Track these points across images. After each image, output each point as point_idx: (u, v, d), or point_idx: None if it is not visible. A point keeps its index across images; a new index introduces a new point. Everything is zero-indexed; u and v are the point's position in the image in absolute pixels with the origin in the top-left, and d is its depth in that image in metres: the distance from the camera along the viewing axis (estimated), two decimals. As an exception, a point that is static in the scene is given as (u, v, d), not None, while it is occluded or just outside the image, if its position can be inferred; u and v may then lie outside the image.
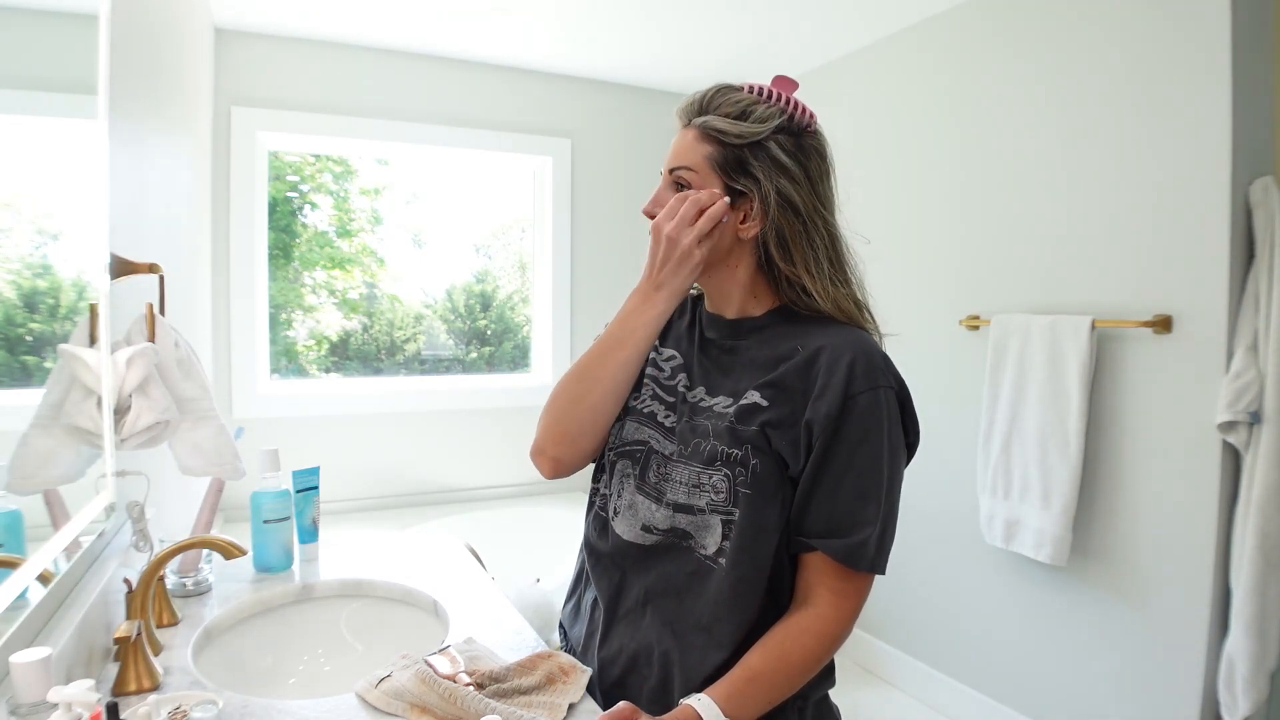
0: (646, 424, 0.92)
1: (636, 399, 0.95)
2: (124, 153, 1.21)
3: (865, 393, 0.81)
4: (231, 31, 2.58)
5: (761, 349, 0.89)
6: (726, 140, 0.86)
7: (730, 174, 0.87)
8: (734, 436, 0.84)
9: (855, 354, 0.82)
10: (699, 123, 0.88)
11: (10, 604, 0.71)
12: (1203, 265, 1.70)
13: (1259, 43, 1.69)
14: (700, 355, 0.94)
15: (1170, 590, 1.77)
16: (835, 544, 0.81)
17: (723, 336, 0.93)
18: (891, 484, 0.83)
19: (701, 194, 0.87)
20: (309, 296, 3.00)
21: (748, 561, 0.84)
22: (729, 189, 0.87)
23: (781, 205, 0.85)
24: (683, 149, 0.89)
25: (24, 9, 0.83)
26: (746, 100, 0.87)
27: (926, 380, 2.40)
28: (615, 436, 0.94)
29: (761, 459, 0.83)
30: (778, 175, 0.85)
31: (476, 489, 3.04)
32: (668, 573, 0.88)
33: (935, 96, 2.38)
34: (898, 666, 2.53)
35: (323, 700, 0.87)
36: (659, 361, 0.96)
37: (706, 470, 0.85)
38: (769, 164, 0.86)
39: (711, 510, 0.84)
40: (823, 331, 0.86)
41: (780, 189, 0.85)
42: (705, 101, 0.89)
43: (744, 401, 0.85)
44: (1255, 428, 1.61)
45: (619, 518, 0.92)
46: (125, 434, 0.97)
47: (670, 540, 0.88)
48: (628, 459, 0.93)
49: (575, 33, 2.64)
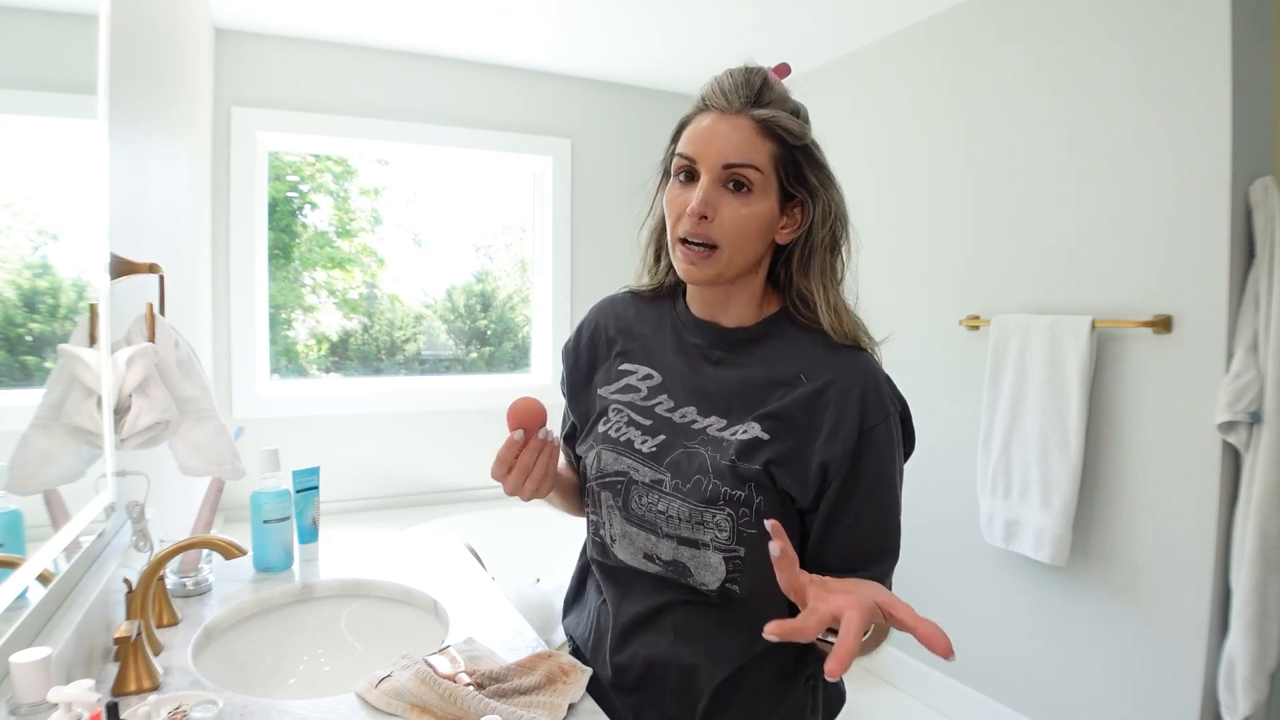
0: (624, 453, 0.88)
1: (606, 424, 0.90)
2: (124, 153, 1.20)
3: (879, 425, 0.79)
4: (231, 31, 2.58)
5: (757, 366, 0.85)
6: (790, 141, 0.80)
7: (789, 178, 0.81)
8: (736, 476, 0.80)
9: (865, 386, 0.80)
10: (762, 115, 0.78)
11: (10, 604, 0.70)
12: (1203, 265, 1.70)
13: (1259, 43, 1.69)
14: (684, 368, 0.88)
15: (1170, 590, 1.77)
16: (860, 578, 0.80)
17: (710, 345, 0.88)
18: (899, 504, 0.83)
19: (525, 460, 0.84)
20: (309, 296, 3.00)
21: (766, 591, 0.81)
22: (784, 193, 0.81)
23: (825, 218, 0.81)
24: (742, 142, 0.78)
25: (24, 9, 0.83)
26: (787, 93, 0.81)
27: (926, 380, 2.40)
28: (593, 466, 0.90)
29: (766, 497, 0.80)
30: (829, 184, 0.82)
31: (476, 489, 3.03)
32: (679, 594, 0.87)
33: (935, 96, 2.38)
34: (898, 666, 2.53)
35: (323, 700, 0.87)
36: (633, 383, 0.90)
37: (709, 509, 0.81)
38: (820, 170, 0.81)
39: (715, 547, 0.82)
40: (826, 356, 0.82)
41: (832, 200, 0.81)
42: (758, 89, 0.79)
43: (744, 436, 0.81)
44: (1255, 428, 1.61)
45: (616, 544, 0.90)
46: (125, 434, 0.97)
47: (672, 573, 0.86)
48: (609, 490, 0.89)
49: (575, 33, 2.64)
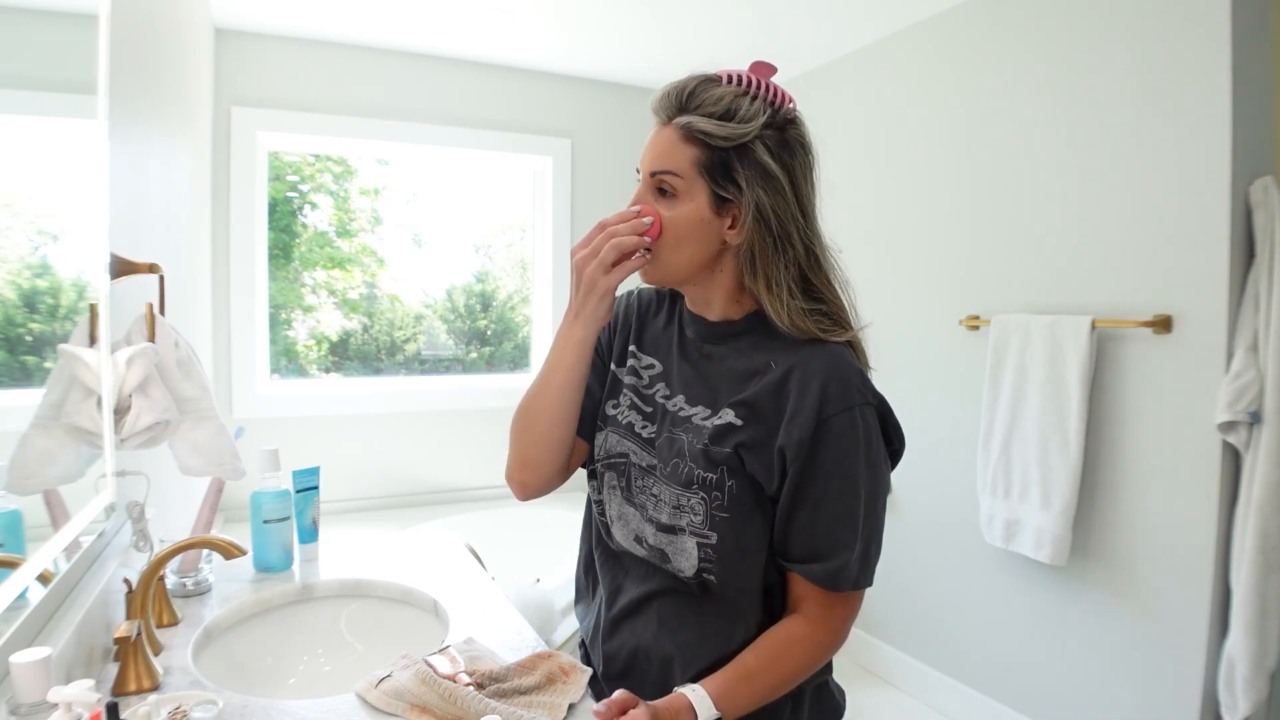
0: (626, 436, 0.92)
1: (615, 408, 0.94)
2: (124, 153, 1.20)
3: (839, 415, 0.79)
4: (231, 31, 2.58)
5: (737, 359, 0.87)
6: (712, 143, 0.80)
7: (717, 179, 0.82)
8: (708, 459, 0.83)
9: (827, 375, 0.80)
10: (682, 122, 0.81)
11: (10, 604, 0.70)
12: (1203, 265, 1.70)
13: (1259, 43, 1.69)
14: (680, 360, 0.92)
15: (1170, 590, 1.77)
16: (815, 569, 0.81)
17: (701, 339, 0.91)
18: (873, 501, 0.82)
19: (623, 230, 0.83)
20: (309, 296, 3.00)
21: (738, 579, 0.84)
22: (715, 195, 0.82)
23: (757, 220, 0.81)
24: (664, 150, 0.83)
25: (24, 9, 0.83)
26: (729, 95, 0.81)
27: (926, 380, 2.40)
28: (600, 448, 0.95)
29: (737, 480, 0.83)
30: (759, 185, 0.81)
31: (476, 489, 3.04)
32: (667, 582, 0.89)
33: (934, 97, 2.38)
34: (898, 666, 2.53)
35: (323, 700, 0.87)
36: (639, 369, 0.95)
37: (685, 493, 0.84)
38: (754, 170, 0.81)
39: (691, 533, 0.84)
40: (796, 348, 0.83)
41: (759, 201, 0.80)
42: (685, 96, 0.82)
43: (719, 421, 0.84)
44: (1255, 428, 1.61)
45: (614, 525, 0.93)
46: (125, 434, 0.97)
47: (656, 559, 0.89)
48: (613, 471, 0.93)
49: (575, 33, 2.64)
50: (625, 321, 1.00)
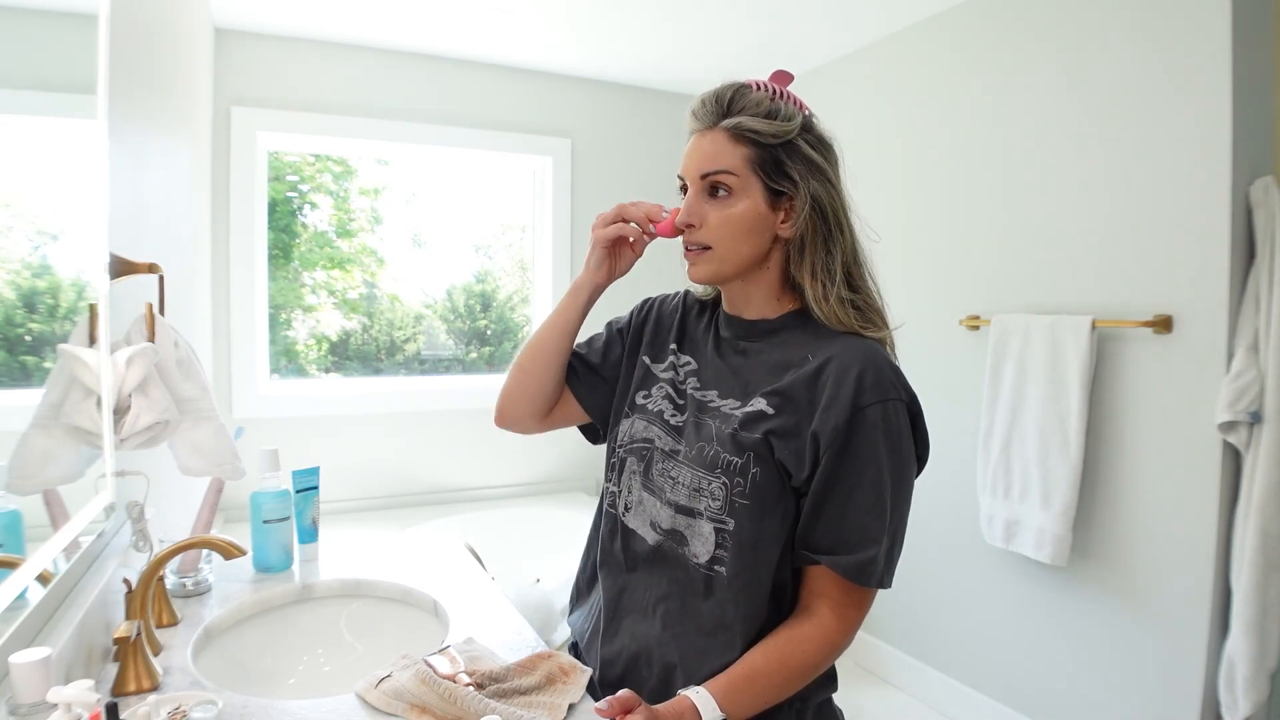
0: (654, 422, 0.94)
1: (647, 398, 0.96)
2: (124, 153, 1.20)
3: (873, 405, 0.80)
4: (231, 31, 2.58)
5: (773, 352, 0.89)
6: (763, 141, 0.85)
7: (770, 175, 0.86)
8: (736, 444, 0.84)
9: (864, 366, 0.81)
10: (730, 124, 0.86)
11: (10, 604, 0.70)
12: (1203, 265, 1.70)
13: (1259, 43, 1.69)
14: (715, 358, 0.94)
15: (1170, 590, 1.77)
16: (843, 560, 0.81)
17: (737, 336, 0.93)
18: (899, 498, 0.82)
19: (637, 205, 0.94)
20: (309, 296, 3.00)
21: (749, 572, 0.84)
22: (769, 190, 0.86)
23: (814, 210, 0.85)
24: (715, 152, 0.86)
25: (24, 9, 0.83)
26: (765, 98, 0.86)
27: (926, 380, 2.40)
28: (625, 435, 0.96)
29: (763, 467, 0.83)
30: (812, 175, 0.86)
31: (476, 489, 3.03)
32: (674, 578, 0.88)
33: (934, 97, 2.38)
34: (898, 666, 2.53)
35: (323, 700, 0.87)
36: (676, 365, 0.97)
37: (707, 476, 0.85)
38: (803, 163, 0.86)
39: (708, 517, 0.85)
40: (833, 341, 0.85)
41: (814, 192, 0.85)
42: (728, 102, 0.87)
43: (750, 408, 0.85)
44: (1255, 428, 1.61)
45: (630, 513, 0.93)
46: (125, 434, 0.97)
47: (669, 543, 0.88)
48: (635, 456, 0.94)
49: (576, 33, 2.64)
50: (670, 317, 1.02)
